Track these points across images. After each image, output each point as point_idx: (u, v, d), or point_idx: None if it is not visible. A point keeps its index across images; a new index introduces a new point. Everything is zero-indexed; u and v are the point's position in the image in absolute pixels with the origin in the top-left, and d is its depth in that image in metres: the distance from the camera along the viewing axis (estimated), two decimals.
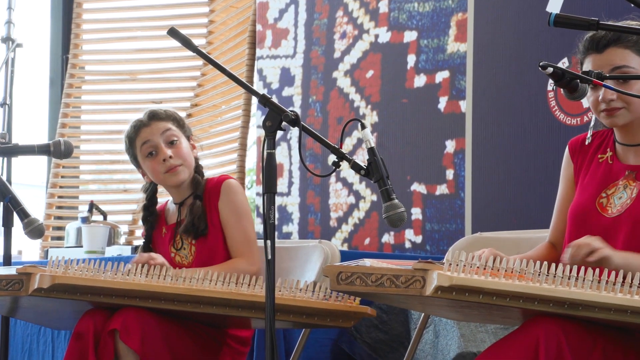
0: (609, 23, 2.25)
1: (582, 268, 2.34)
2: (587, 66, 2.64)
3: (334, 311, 2.90)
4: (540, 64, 2.34)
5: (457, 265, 2.31)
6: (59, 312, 3.14)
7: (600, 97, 2.62)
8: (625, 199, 2.65)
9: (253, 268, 3.18)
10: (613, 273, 2.34)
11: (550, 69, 2.32)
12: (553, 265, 2.32)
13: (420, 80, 4.76)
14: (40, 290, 2.76)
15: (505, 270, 2.33)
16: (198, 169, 3.38)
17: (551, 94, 4.22)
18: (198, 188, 3.32)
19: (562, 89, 2.45)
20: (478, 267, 2.32)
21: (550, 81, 2.55)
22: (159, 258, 3.16)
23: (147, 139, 3.32)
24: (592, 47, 2.65)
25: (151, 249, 3.38)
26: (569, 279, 2.32)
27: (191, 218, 3.27)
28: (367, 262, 2.48)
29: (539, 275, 2.32)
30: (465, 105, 4.52)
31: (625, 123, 2.65)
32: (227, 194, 3.29)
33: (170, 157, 3.29)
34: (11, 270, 2.84)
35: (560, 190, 2.85)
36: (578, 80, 2.35)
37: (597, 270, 2.33)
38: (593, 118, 2.76)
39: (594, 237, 2.52)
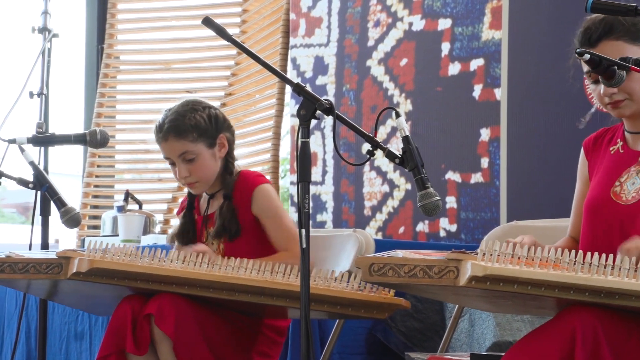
0: None
1: (619, 256, 2.32)
2: (584, 62, 2.62)
3: (369, 302, 2.90)
4: (577, 50, 2.33)
5: (491, 255, 2.29)
6: (97, 296, 3.17)
7: (602, 92, 2.63)
8: (639, 184, 2.64)
9: (299, 259, 3.18)
10: None
11: (587, 56, 2.31)
12: (588, 254, 2.30)
13: (454, 68, 4.74)
14: (78, 274, 2.80)
15: (540, 260, 2.31)
16: (227, 167, 3.33)
17: (587, 81, 4.18)
18: (226, 187, 3.31)
19: (599, 77, 2.44)
20: (512, 257, 2.30)
21: (586, 69, 2.54)
22: (199, 246, 3.16)
23: (165, 154, 3.30)
24: (584, 41, 2.65)
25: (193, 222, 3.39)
26: (604, 267, 2.30)
27: (222, 221, 3.26)
28: (400, 252, 2.46)
29: (575, 264, 2.30)
30: (500, 93, 4.50)
31: (632, 113, 2.66)
32: (261, 201, 3.26)
33: (187, 175, 3.27)
34: (51, 254, 2.88)
35: (577, 189, 2.85)
36: (615, 67, 2.34)
37: (634, 258, 2.31)
38: (588, 115, 2.75)
39: None
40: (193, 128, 3.25)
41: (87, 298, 3.25)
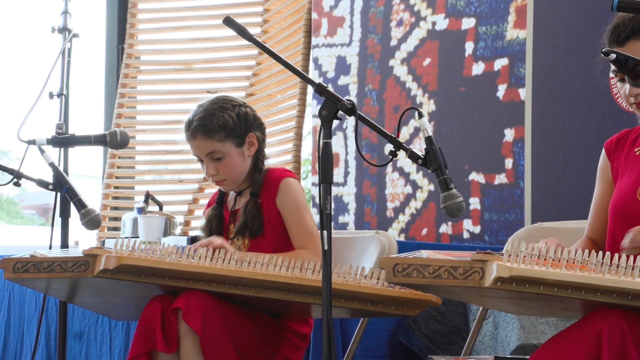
0: None
1: None
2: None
3: (399, 298, 2.89)
4: (603, 50, 2.32)
5: (517, 256, 2.28)
6: (118, 298, 3.16)
7: (627, 92, 2.62)
8: None
9: (317, 258, 3.16)
10: None
11: (613, 55, 2.30)
12: (616, 255, 2.29)
13: (478, 68, 4.71)
14: (106, 272, 2.79)
15: (567, 261, 2.30)
16: (256, 164, 3.33)
17: (613, 81, 4.14)
18: (254, 185, 3.30)
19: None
20: (539, 258, 2.29)
21: (613, 68, 2.52)
22: (216, 240, 3.15)
23: (193, 151, 3.32)
24: (613, 39, 2.65)
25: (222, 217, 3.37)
26: (632, 269, 2.28)
27: (244, 218, 3.27)
28: (424, 253, 2.46)
29: (602, 265, 2.28)
30: (524, 93, 4.46)
31: None
32: (285, 192, 3.27)
33: (215, 173, 3.28)
34: (76, 253, 2.88)
35: (597, 189, 2.85)
36: None
37: None
38: None
39: None
40: (221, 127, 3.26)
41: (107, 301, 3.24)
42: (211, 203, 3.45)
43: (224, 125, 3.26)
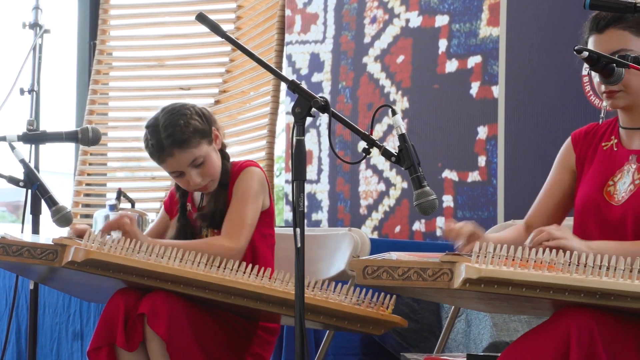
0: None
1: (614, 257, 2.31)
2: (590, 47, 2.63)
3: (366, 317, 2.88)
4: (575, 48, 2.33)
5: (485, 256, 2.28)
6: (93, 285, 3.15)
7: (599, 80, 2.63)
8: (628, 184, 2.65)
9: (231, 245, 3.10)
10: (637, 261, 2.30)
11: (586, 53, 2.32)
12: (584, 255, 2.29)
13: (451, 66, 4.71)
14: (73, 264, 2.79)
15: (535, 261, 2.30)
16: (224, 155, 3.30)
17: (586, 79, 4.16)
18: (224, 176, 3.27)
19: (597, 74, 2.43)
20: (507, 258, 2.29)
21: (585, 65, 2.53)
22: (124, 218, 3.06)
23: (174, 169, 3.23)
24: (593, 27, 2.66)
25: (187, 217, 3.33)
26: (599, 268, 2.29)
27: (214, 209, 3.22)
28: (394, 255, 2.47)
29: (569, 265, 2.29)
30: (497, 91, 4.47)
31: (625, 105, 2.66)
32: (242, 179, 3.23)
33: (200, 180, 3.21)
34: (47, 240, 2.88)
35: (552, 176, 2.85)
36: (614, 65, 2.32)
37: (629, 259, 2.30)
38: (603, 109, 2.74)
39: (559, 227, 2.50)
40: (193, 133, 3.19)
41: (83, 286, 3.23)
42: (168, 202, 3.39)
43: (194, 130, 3.19)
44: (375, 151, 2.56)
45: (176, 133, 3.17)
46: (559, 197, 2.82)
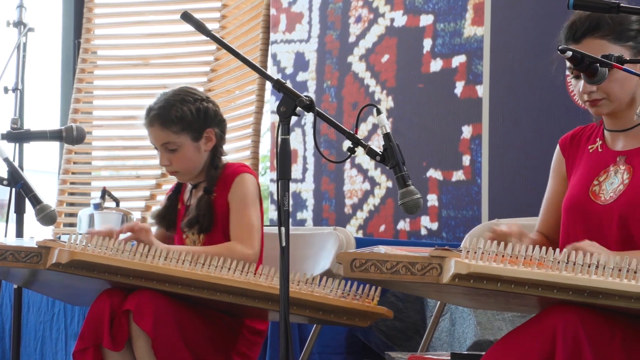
0: (631, 6, 2.22)
1: (602, 256, 2.31)
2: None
3: (351, 310, 2.90)
4: (559, 47, 2.34)
5: (475, 252, 2.28)
6: (77, 288, 3.16)
7: (581, 89, 2.64)
8: (617, 184, 2.65)
9: (249, 252, 3.13)
10: (634, 261, 2.30)
11: (570, 53, 2.32)
12: (573, 252, 2.30)
13: (436, 65, 4.72)
14: (57, 265, 2.79)
15: (524, 258, 2.30)
16: (213, 160, 3.30)
17: (569, 78, 4.17)
18: (209, 181, 3.27)
19: (581, 73, 2.44)
20: (496, 255, 2.29)
21: (569, 65, 2.53)
22: (141, 233, 3.09)
23: (151, 141, 3.30)
24: (569, 37, 2.66)
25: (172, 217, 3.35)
26: (589, 267, 2.29)
27: (195, 214, 3.24)
28: (382, 249, 2.46)
29: (559, 263, 2.29)
30: (482, 90, 4.48)
31: (609, 111, 2.67)
32: (237, 187, 3.24)
33: (168, 164, 3.26)
34: (31, 243, 2.88)
35: (550, 185, 2.86)
36: (597, 65, 2.33)
37: (618, 257, 2.31)
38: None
39: (593, 243, 2.49)
40: (178, 120, 3.23)
41: (67, 288, 3.24)
42: (169, 193, 3.43)
43: (181, 118, 3.23)
44: (360, 150, 2.57)
45: (165, 109, 3.24)
46: (561, 205, 2.80)
